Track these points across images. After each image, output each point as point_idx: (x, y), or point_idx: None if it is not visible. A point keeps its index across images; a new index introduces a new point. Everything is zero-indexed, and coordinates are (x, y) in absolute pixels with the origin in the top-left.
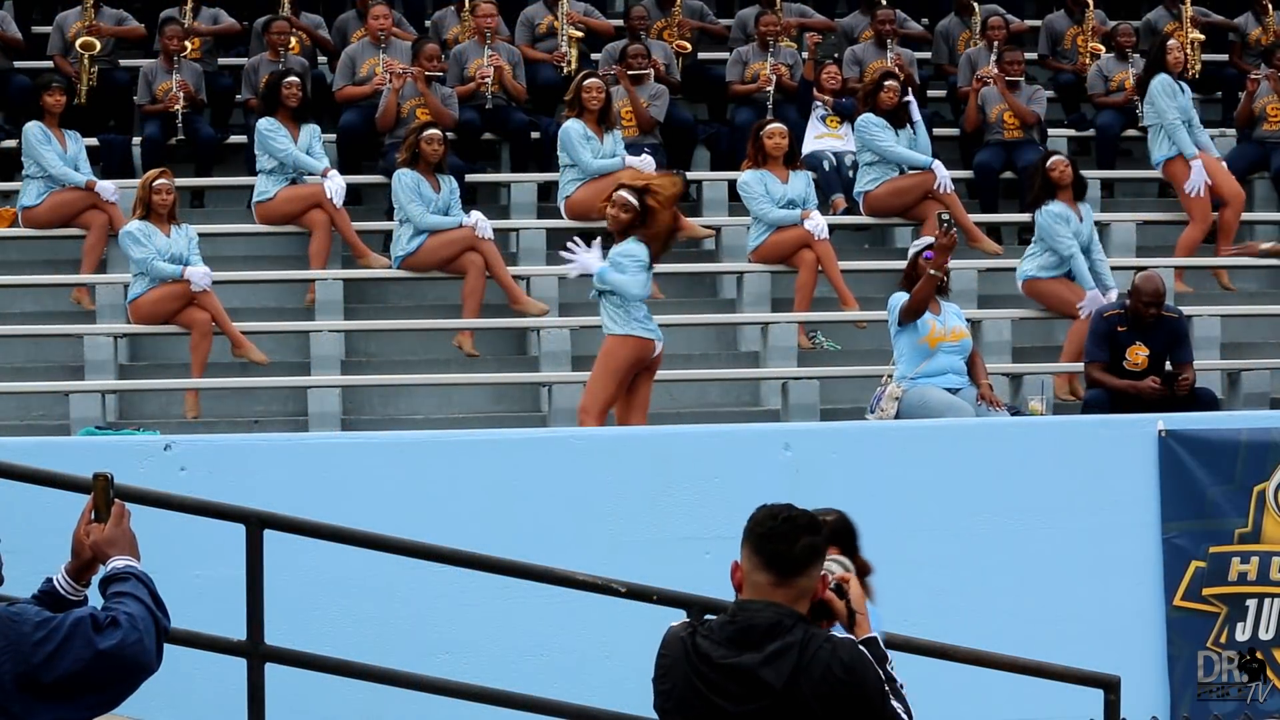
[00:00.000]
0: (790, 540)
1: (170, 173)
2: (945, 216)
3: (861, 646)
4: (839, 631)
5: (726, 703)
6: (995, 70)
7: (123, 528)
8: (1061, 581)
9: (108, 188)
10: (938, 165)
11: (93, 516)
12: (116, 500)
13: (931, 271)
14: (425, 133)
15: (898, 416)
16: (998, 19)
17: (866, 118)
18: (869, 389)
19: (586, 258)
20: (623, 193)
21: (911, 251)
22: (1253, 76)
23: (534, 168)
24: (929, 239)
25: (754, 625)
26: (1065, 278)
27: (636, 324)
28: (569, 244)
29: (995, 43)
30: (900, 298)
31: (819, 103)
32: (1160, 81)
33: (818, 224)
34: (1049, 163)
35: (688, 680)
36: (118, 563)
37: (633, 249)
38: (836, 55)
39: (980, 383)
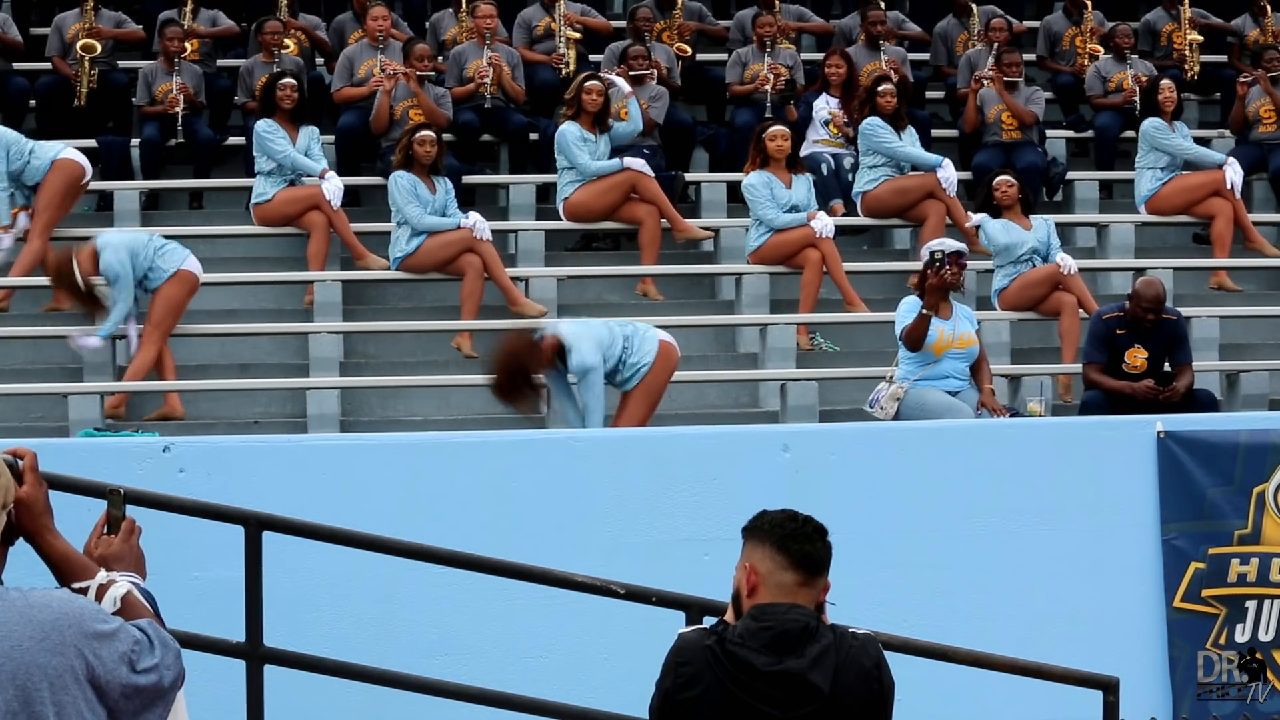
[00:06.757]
0: (815, 541)
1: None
2: (938, 255)
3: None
4: None
5: (774, 709)
6: (992, 71)
7: (130, 544)
8: (1061, 583)
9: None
10: (947, 164)
11: (105, 530)
12: (128, 516)
13: (924, 311)
14: (418, 134)
15: (897, 416)
16: (1000, 20)
17: (871, 121)
18: (868, 390)
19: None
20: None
21: (924, 253)
22: (1242, 80)
23: (532, 169)
24: (948, 241)
25: (788, 630)
26: (1030, 273)
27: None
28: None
29: (996, 44)
30: (909, 302)
31: (824, 105)
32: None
33: (825, 224)
34: (994, 182)
35: (723, 689)
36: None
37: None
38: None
39: (983, 387)
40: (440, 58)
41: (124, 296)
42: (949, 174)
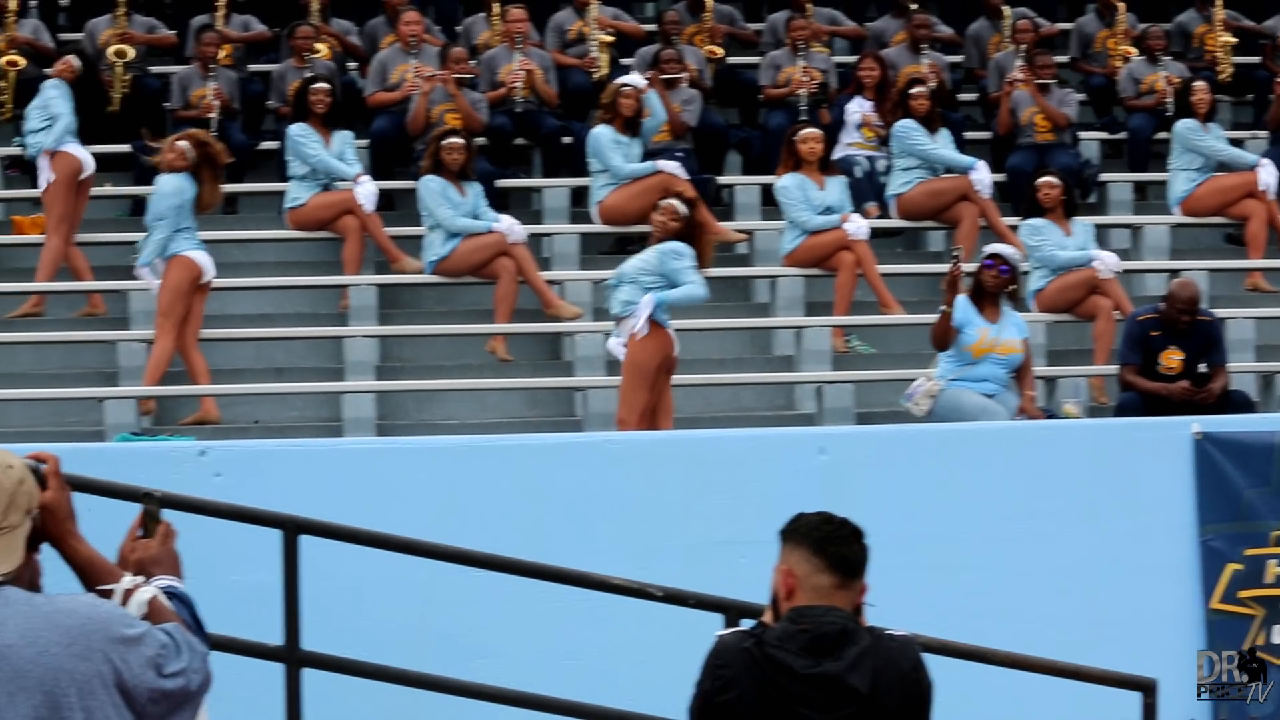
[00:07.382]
0: (852, 543)
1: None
2: (955, 252)
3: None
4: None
5: (812, 712)
6: (1024, 73)
7: (167, 547)
8: (1098, 584)
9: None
10: (981, 166)
11: (140, 533)
12: (164, 520)
13: (942, 308)
14: (445, 141)
15: (930, 414)
16: (1026, 22)
17: (905, 123)
18: (903, 392)
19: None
20: (673, 201)
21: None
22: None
23: (566, 172)
24: (1003, 247)
25: (826, 633)
26: (1067, 274)
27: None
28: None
29: (1024, 46)
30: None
31: (858, 108)
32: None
33: (858, 226)
34: (1037, 183)
35: (762, 693)
36: (160, 583)
37: (681, 248)
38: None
39: (1024, 394)
40: (472, 62)
41: (161, 229)
42: (983, 176)
